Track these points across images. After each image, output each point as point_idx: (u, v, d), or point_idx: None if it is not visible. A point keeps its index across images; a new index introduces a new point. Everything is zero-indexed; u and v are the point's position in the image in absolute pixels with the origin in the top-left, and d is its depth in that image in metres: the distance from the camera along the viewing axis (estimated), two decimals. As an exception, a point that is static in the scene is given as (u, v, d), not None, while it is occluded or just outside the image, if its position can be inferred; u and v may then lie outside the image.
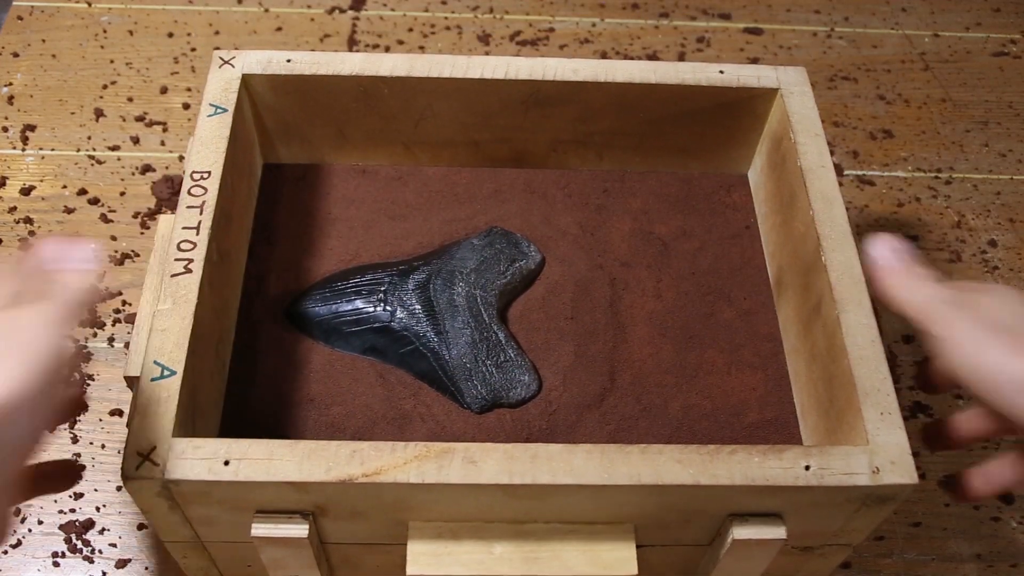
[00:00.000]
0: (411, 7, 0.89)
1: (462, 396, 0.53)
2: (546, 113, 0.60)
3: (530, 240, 0.60)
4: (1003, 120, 0.84)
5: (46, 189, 0.74)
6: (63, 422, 0.61)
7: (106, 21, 0.86)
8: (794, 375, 0.55)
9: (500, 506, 0.44)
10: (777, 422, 0.54)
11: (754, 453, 0.43)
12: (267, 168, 0.63)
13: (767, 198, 0.61)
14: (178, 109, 0.80)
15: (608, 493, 0.43)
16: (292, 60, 0.57)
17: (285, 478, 0.42)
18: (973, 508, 0.62)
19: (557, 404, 0.54)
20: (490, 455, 0.43)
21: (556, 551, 0.46)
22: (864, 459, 0.44)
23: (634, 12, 0.91)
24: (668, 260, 0.60)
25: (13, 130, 0.78)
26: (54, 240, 0.39)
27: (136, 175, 0.75)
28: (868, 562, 0.60)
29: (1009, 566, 0.60)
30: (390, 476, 0.42)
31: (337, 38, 0.86)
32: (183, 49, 0.85)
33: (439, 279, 0.57)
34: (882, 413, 0.45)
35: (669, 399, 0.55)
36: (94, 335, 0.67)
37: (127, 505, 0.59)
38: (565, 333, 0.57)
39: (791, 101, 0.58)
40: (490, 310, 0.56)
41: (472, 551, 0.46)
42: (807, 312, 0.53)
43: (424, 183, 0.63)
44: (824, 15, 0.92)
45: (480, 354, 0.54)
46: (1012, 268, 0.74)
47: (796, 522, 0.46)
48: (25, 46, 0.84)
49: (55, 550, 0.57)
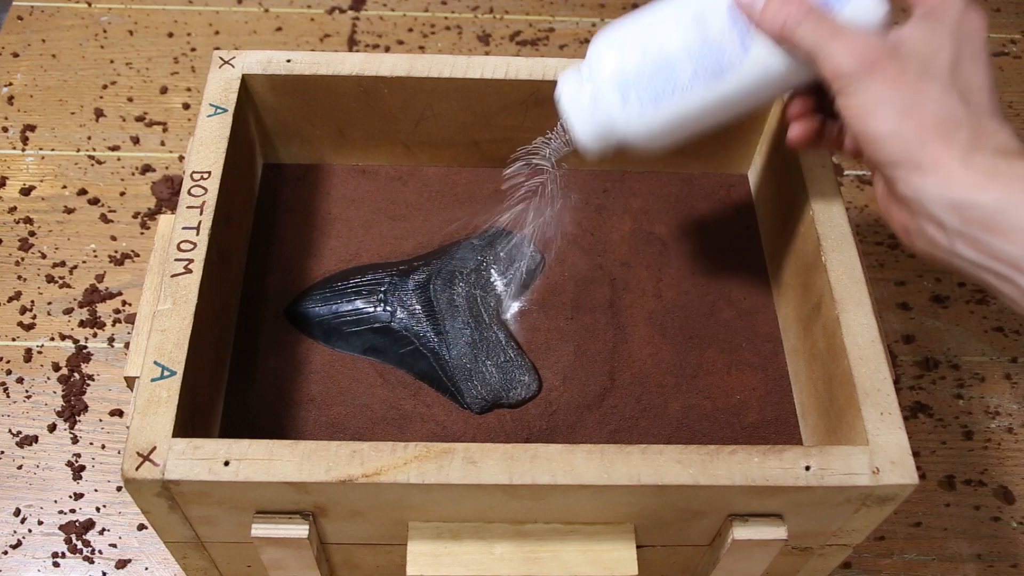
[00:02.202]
0: (411, 7, 0.89)
1: (462, 396, 0.53)
2: (546, 113, 0.60)
3: (530, 240, 0.60)
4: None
5: (46, 189, 0.74)
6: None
7: (106, 21, 0.86)
8: (794, 375, 0.55)
9: (500, 506, 0.44)
10: (777, 422, 0.54)
11: (754, 453, 0.43)
12: (267, 168, 0.63)
13: (767, 198, 0.61)
14: (178, 109, 0.80)
15: (608, 493, 0.43)
16: (292, 60, 0.57)
17: (285, 478, 0.42)
18: (973, 508, 0.62)
19: (557, 404, 0.54)
20: (490, 455, 0.43)
21: (556, 551, 0.46)
22: (864, 459, 0.44)
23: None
24: (668, 260, 0.60)
25: (13, 130, 0.78)
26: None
27: (136, 175, 0.75)
28: (868, 562, 0.60)
29: (1009, 566, 0.60)
30: (390, 476, 0.42)
31: (337, 38, 0.86)
32: (183, 49, 0.85)
33: (439, 279, 0.57)
34: (882, 413, 0.45)
35: (669, 399, 0.55)
36: (94, 335, 0.67)
37: (127, 505, 0.59)
38: (565, 333, 0.57)
39: (791, 101, 0.58)
40: (490, 310, 0.56)
41: (472, 551, 0.46)
42: (807, 312, 0.53)
43: (424, 183, 0.63)
44: (824, 15, 0.92)
45: (480, 354, 0.54)
46: (1012, 268, 0.74)
47: (796, 522, 0.46)
48: (25, 46, 0.84)
49: (55, 550, 0.57)
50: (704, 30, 0.44)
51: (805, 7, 0.42)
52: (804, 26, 0.42)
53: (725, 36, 0.44)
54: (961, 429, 0.65)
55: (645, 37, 0.45)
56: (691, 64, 0.44)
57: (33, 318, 0.67)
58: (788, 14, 0.42)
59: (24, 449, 0.61)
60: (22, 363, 0.65)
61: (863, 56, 0.41)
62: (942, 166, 0.39)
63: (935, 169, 0.39)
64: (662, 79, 0.44)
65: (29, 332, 0.67)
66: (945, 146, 0.39)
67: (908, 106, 0.40)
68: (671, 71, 0.44)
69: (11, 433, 0.62)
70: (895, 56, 0.41)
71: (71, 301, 0.68)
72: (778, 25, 0.42)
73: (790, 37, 0.42)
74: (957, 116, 0.40)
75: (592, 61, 0.46)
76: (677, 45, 0.44)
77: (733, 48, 0.44)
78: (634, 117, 0.45)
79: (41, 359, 0.65)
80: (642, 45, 0.45)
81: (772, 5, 0.43)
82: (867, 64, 0.41)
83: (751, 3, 0.43)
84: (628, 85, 0.45)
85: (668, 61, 0.44)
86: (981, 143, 0.40)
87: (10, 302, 0.68)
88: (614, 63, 0.45)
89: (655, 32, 0.45)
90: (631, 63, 0.45)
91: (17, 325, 0.67)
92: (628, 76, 0.45)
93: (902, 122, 0.40)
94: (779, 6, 0.42)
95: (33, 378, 0.65)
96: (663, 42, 0.44)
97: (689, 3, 0.45)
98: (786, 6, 0.42)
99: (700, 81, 0.44)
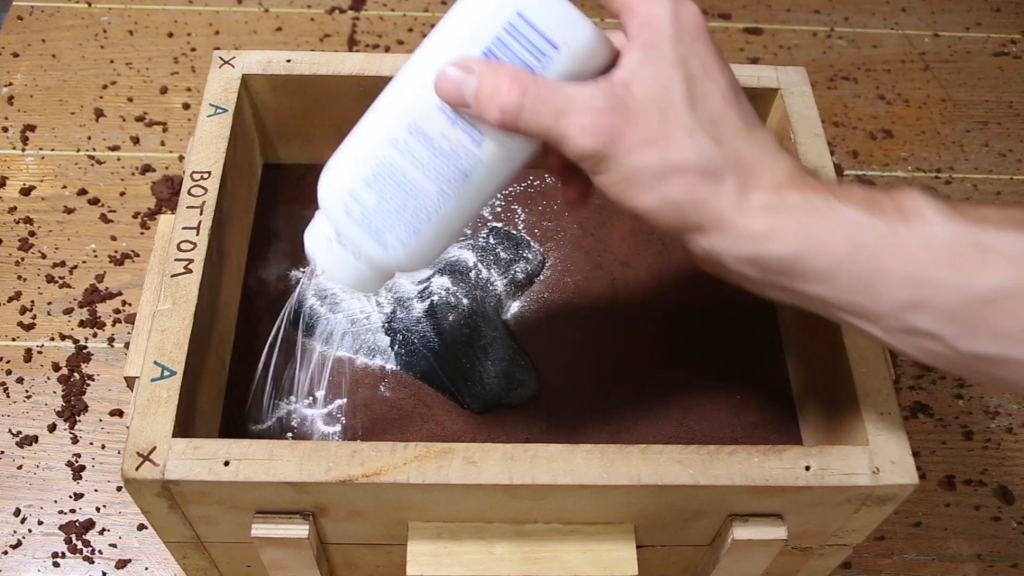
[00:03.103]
0: (411, 7, 0.89)
1: (462, 396, 0.53)
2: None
3: (530, 240, 0.60)
4: (1003, 120, 0.84)
5: (46, 189, 0.74)
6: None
7: (106, 21, 0.86)
8: (794, 375, 0.55)
9: (500, 506, 0.44)
10: (777, 422, 0.54)
11: (754, 453, 0.43)
12: (267, 168, 0.63)
13: (767, 198, 0.61)
14: (178, 109, 0.80)
15: (608, 493, 0.43)
16: (292, 60, 0.57)
17: (285, 478, 0.42)
18: (973, 508, 0.62)
19: (557, 404, 0.54)
20: (490, 455, 0.43)
21: (556, 551, 0.46)
22: (864, 459, 0.44)
23: (634, 12, 0.91)
24: (668, 260, 0.60)
25: (13, 130, 0.78)
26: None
27: (136, 175, 0.75)
28: (868, 562, 0.60)
29: (1009, 566, 0.60)
30: (390, 476, 0.42)
31: (337, 38, 0.86)
32: (183, 49, 0.85)
33: (439, 279, 0.57)
34: (882, 413, 0.45)
35: (669, 399, 0.55)
36: (94, 335, 0.67)
37: (127, 505, 0.59)
38: (565, 333, 0.57)
39: (791, 101, 0.58)
40: (490, 310, 0.56)
41: (472, 551, 0.46)
42: (807, 312, 0.53)
43: (424, 183, 0.63)
44: (824, 15, 0.92)
45: (480, 354, 0.54)
46: (1012, 268, 0.74)
47: (796, 522, 0.46)
48: (25, 46, 0.84)
49: (55, 550, 0.57)
50: (428, 142, 0.39)
51: (518, 87, 0.37)
52: (524, 114, 0.37)
53: (452, 138, 0.39)
54: (961, 429, 0.65)
55: (369, 172, 0.40)
56: (433, 183, 0.39)
57: (33, 318, 0.67)
58: (503, 104, 0.37)
59: (24, 449, 0.61)
60: (22, 363, 0.65)
61: (598, 131, 0.36)
62: (722, 223, 0.37)
63: (717, 227, 0.37)
64: (411, 211, 0.40)
65: (29, 332, 0.67)
66: (716, 200, 0.37)
67: (663, 168, 0.36)
68: (416, 199, 0.40)
69: (11, 433, 0.62)
70: (628, 114, 0.37)
71: (71, 301, 0.68)
72: (496, 118, 0.37)
73: (514, 128, 0.37)
74: (715, 161, 0.37)
75: (332, 215, 0.41)
76: (408, 170, 0.39)
77: (466, 147, 0.39)
78: (401, 256, 0.41)
79: (41, 359, 0.65)
80: (371, 183, 0.40)
81: (483, 97, 0.37)
82: (605, 138, 0.36)
83: (457, 94, 0.38)
84: (380, 231, 0.40)
85: (408, 191, 0.40)
86: (751, 182, 0.37)
87: (10, 302, 0.68)
88: (356, 212, 0.40)
89: (378, 162, 0.40)
90: (371, 207, 0.40)
91: (17, 325, 0.67)
92: (375, 223, 0.40)
93: (664, 189, 0.37)
94: (490, 96, 0.37)
95: (33, 378, 0.65)
96: (392, 173, 0.40)
97: (396, 119, 0.40)
98: (497, 95, 0.37)
99: (449, 195, 0.40)
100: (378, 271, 0.43)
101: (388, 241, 0.41)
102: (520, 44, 0.38)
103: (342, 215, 0.41)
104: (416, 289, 0.57)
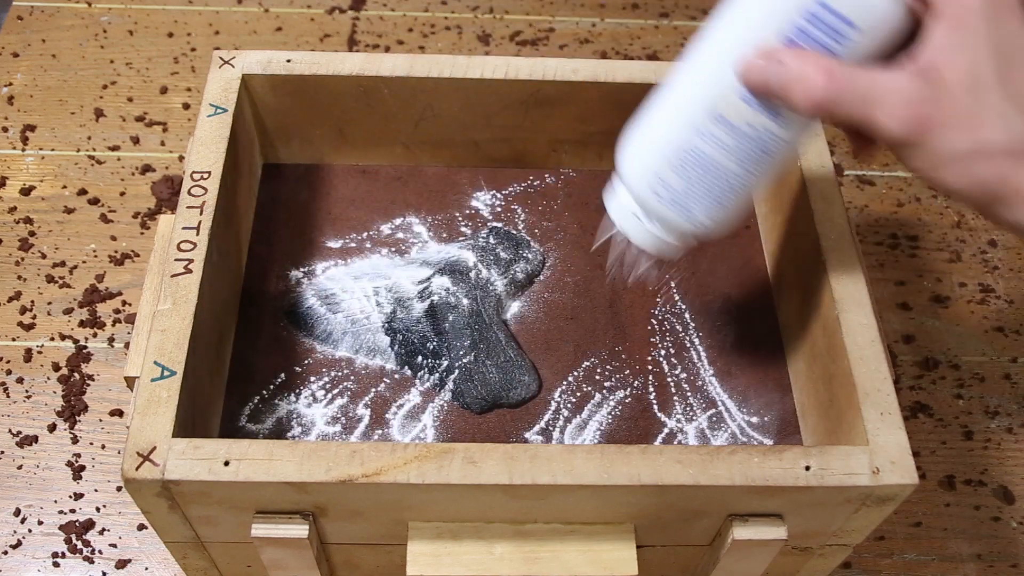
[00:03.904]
0: (411, 7, 0.89)
1: (462, 396, 0.53)
2: (546, 113, 0.60)
3: (530, 240, 0.60)
4: (1003, 120, 0.84)
5: (46, 189, 0.74)
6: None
7: (106, 21, 0.86)
8: (794, 375, 0.55)
9: (500, 506, 0.44)
10: (777, 422, 0.54)
11: (754, 453, 0.43)
12: (267, 168, 0.63)
13: (767, 198, 0.61)
14: (178, 109, 0.80)
15: (608, 493, 0.43)
16: (292, 60, 0.57)
17: (285, 478, 0.42)
18: (973, 508, 0.62)
19: (557, 404, 0.54)
20: (490, 455, 0.43)
21: (556, 551, 0.46)
22: (864, 459, 0.44)
23: (634, 12, 0.91)
24: (668, 260, 0.60)
25: (13, 130, 0.78)
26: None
27: (136, 175, 0.75)
28: (868, 562, 0.60)
29: (1009, 566, 0.60)
30: (390, 476, 0.42)
31: (337, 38, 0.86)
32: (183, 49, 0.85)
33: (439, 279, 0.57)
34: (882, 413, 0.45)
35: (669, 399, 0.55)
36: (94, 335, 0.67)
37: (127, 505, 0.59)
38: (565, 333, 0.57)
39: (791, 101, 0.58)
40: (490, 310, 0.56)
41: (472, 551, 0.46)
42: (807, 312, 0.53)
43: (424, 183, 0.63)
44: (824, 15, 0.92)
45: (480, 354, 0.54)
46: (1012, 268, 0.74)
47: (796, 522, 0.46)
48: (25, 46, 0.84)
49: (55, 550, 0.57)
50: (732, 129, 0.41)
51: (825, 76, 0.37)
52: (833, 103, 0.38)
53: (756, 125, 0.40)
54: (961, 429, 0.65)
55: (674, 158, 0.42)
56: (738, 165, 0.41)
57: (33, 318, 0.67)
58: (812, 95, 0.38)
59: (24, 449, 0.61)
60: (22, 363, 0.65)
61: (908, 120, 0.37)
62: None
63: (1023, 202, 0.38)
64: (717, 189, 0.42)
65: (29, 332, 0.67)
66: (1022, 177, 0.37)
67: (973, 151, 0.37)
68: (722, 179, 0.42)
69: (11, 433, 0.62)
70: (940, 103, 0.37)
71: (71, 301, 0.68)
72: (806, 108, 0.38)
73: (823, 115, 0.39)
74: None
75: (639, 196, 0.44)
76: (714, 155, 0.41)
77: (771, 132, 0.41)
78: (709, 226, 0.44)
79: (41, 359, 0.65)
80: (676, 168, 0.42)
81: (791, 86, 0.38)
82: (917, 127, 0.37)
83: (763, 84, 0.39)
84: (688, 208, 0.43)
85: (714, 174, 0.42)
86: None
87: (10, 302, 0.68)
88: (664, 194, 0.43)
89: (682, 148, 0.42)
90: (678, 190, 0.43)
91: (17, 325, 0.67)
92: (682, 202, 0.43)
93: (974, 169, 0.38)
94: (798, 86, 0.38)
95: (33, 378, 0.65)
96: (697, 158, 0.42)
97: (696, 108, 0.41)
98: (805, 85, 0.38)
99: (753, 173, 0.42)
100: (683, 240, 0.46)
101: (696, 216, 0.44)
102: (818, 28, 0.38)
103: (650, 196, 0.44)
104: (416, 289, 0.57)
